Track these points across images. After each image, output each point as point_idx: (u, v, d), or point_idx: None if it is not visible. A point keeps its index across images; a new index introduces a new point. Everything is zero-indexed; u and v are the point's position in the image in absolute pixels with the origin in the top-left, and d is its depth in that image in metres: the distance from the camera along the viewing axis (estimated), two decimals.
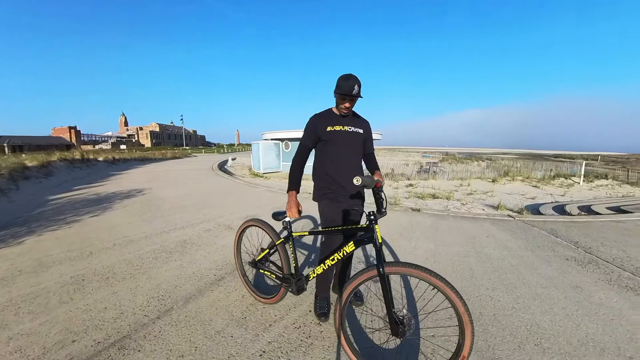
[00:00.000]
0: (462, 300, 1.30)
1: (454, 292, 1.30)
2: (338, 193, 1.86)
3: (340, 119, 1.87)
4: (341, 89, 1.70)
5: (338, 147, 1.85)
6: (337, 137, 1.84)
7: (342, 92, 1.70)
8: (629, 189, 11.41)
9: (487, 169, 18.04)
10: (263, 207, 5.50)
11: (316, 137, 1.87)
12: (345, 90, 1.68)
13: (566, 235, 3.91)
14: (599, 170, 17.87)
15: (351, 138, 1.87)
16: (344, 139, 1.85)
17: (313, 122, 1.88)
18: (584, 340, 1.81)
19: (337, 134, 1.84)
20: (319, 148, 1.93)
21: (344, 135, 1.85)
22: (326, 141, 1.85)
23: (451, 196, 8.77)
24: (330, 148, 1.86)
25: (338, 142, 1.85)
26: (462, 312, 1.29)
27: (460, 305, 1.29)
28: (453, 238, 3.78)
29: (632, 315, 2.07)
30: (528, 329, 1.91)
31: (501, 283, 2.55)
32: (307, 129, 1.90)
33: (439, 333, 1.83)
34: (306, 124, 1.91)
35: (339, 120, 1.86)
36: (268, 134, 15.82)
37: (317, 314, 2.02)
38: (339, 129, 1.84)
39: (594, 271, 2.81)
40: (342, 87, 1.70)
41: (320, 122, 1.86)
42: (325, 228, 1.86)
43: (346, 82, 1.69)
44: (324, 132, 1.84)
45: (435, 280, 1.32)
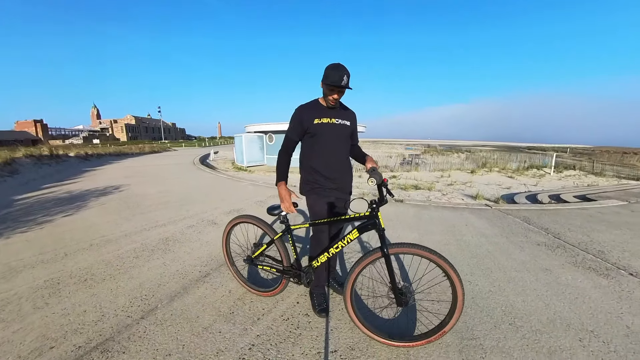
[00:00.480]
0: (457, 273, 1.52)
1: (450, 267, 1.50)
2: (326, 187, 1.83)
3: (328, 110, 1.79)
4: (329, 79, 1.62)
5: (325, 141, 1.79)
6: (324, 130, 1.77)
7: (331, 82, 1.61)
8: (594, 179, 12.27)
9: (466, 161, 18.72)
10: (247, 201, 5.43)
11: (302, 130, 1.79)
12: (334, 80, 1.60)
13: (538, 222, 4.17)
14: (567, 161, 19.04)
15: (339, 130, 1.82)
16: (331, 132, 1.79)
17: (299, 114, 1.79)
18: (552, 317, 1.96)
19: (324, 126, 1.77)
20: (306, 141, 1.86)
21: (332, 127, 1.78)
22: (313, 134, 1.78)
23: (433, 187, 9.06)
24: (318, 141, 1.79)
25: (326, 135, 1.78)
26: (456, 284, 1.51)
27: (455, 277, 1.51)
28: (435, 227, 3.93)
29: (594, 293, 2.27)
30: (503, 310, 2.04)
31: (479, 268, 2.69)
32: (293, 121, 1.81)
33: (432, 303, 1.93)
34: (292, 116, 1.82)
35: (326, 112, 1.79)
36: (251, 127, 15.50)
37: (317, 310, 1.97)
38: (326, 122, 1.77)
39: (562, 255, 3.02)
40: (330, 78, 1.61)
41: (306, 114, 1.77)
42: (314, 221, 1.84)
43: (335, 72, 1.60)
44: (311, 125, 1.76)
45: (435, 258, 1.51)
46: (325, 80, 1.65)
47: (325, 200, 1.84)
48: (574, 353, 1.64)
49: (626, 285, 2.40)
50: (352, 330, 1.82)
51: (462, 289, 1.53)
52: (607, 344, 1.72)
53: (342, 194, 1.90)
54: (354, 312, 1.73)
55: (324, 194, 1.84)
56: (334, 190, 1.85)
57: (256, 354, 1.63)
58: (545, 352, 1.65)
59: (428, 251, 1.52)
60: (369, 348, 1.68)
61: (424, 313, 1.96)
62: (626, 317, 1.97)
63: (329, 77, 1.62)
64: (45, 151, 12.62)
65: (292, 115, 1.83)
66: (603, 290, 2.31)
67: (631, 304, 2.12)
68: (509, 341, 1.73)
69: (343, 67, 1.62)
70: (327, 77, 1.63)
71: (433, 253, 1.52)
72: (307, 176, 1.88)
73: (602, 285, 2.39)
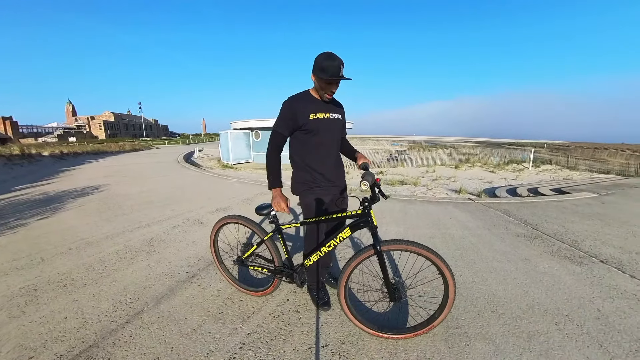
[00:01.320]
0: (450, 270, 1.54)
1: (438, 258, 1.53)
2: (323, 185, 1.77)
3: (323, 104, 1.68)
4: (327, 72, 1.47)
5: (321, 137, 1.69)
6: (320, 126, 1.65)
7: (330, 75, 1.47)
8: (568, 173, 12.94)
9: (450, 156, 19.23)
10: (234, 199, 5.36)
11: (296, 125, 1.64)
12: (333, 72, 1.47)
13: (517, 214, 4.36)
14: (544, 156, 19.94)
15: (333, 126, 1.73)
16: (327, 128, 1.70)
17: (292, 107, 1.62)
18: (531, 304, 2.07)
19: (320, 122, 1.65)
20: (299, 137, 1.71)
21: (328, 123, 1.69)
22: (309, 130, 1.65)
23: (418, 182, 9.25)
24: (313, 138, 1.68)
25: (322, 131, 1.68)
26: (445, 271, 1.54)
27: (448, 274, 1.54)
28: (420, 221, 4.03)
29: (568, 280, 2.41)
30: (486, 299, 2.13)
31: (463, 260, 2.79)
32: (284, 115, 1.64)
33: (423, 298, 1.98)
34: (282, 109, 1.65)
35: (322, 106, 1.67)
36: (237, 123, 15.24)
37: (319, 304, 1.95)
38: (322, 117, 1.65)
39: (539, 245, 3.18)
40: (328, 70, 1.47)
41: (301, 109, 1.62)
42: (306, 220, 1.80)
43: (332, 63, 1.46)
44: (307, 121, 1.62)
45: (428, 254, 1.53)
46: (321, 74, 1.51)
47: (322, 197, 1.79)
48: (551, 336, 1.74)
49: (597, 271, 2.56)
50: (343, 325, 1.85)
51: (454, 287, 1.56)
52: (580, 326, 1.83)
53: (338, 191, 1.86)
54: (348, 307, 1.75)
55: (321, 192, 1.77)
56: (331, 187, 1.80)
57: (247, 353, 1.62)
58: (525, 336, 1.74)
59: (421, 247, 1.53)
60: (359, 341, 1.71)
61: (416, 308, 2.00)
62: (597, 301, 2.11)
63: (327, 70, 1.48)
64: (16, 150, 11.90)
65: (282, 108, 1.66)
66: (577, 277, 2.45)
67: (601, 289, 2.27)
68: (492, 328, 1.82)
69: (336, 56, 1.50)
70: (324, 70, 1.49)
71: (427, 249, 1.53)
72: (304, 175, 1.76)
73: (576, 272, 2.54)
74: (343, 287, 1.73)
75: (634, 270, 2.56)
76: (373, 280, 2.26)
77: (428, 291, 2.19)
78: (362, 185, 1.44)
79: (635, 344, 1.68)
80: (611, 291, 2.24)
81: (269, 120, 14.30)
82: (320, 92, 1.64)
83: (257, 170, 11.66)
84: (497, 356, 1.59)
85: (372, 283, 2.25)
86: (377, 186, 1.56)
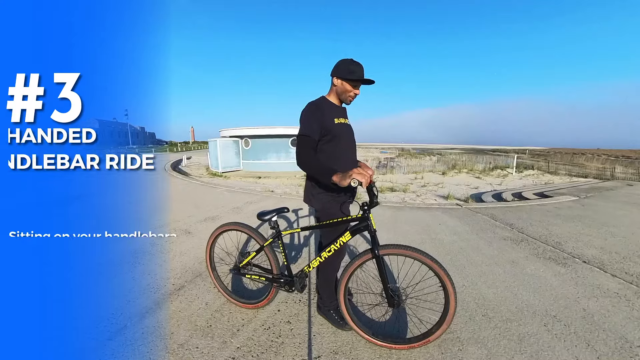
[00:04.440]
0: (447, 275, 1.51)
1: (441, 269, 1.51)
2: (342, 192, 1.72)
3: (341, 110, 1.70)
4: (356, 74, 1.55)
5: (344, 143, 1.69)
6: (343, 131, 1.66)
7: (358, 77, 1.54)
8: (550, 177, 13.45)
9: (437, 163, 19.67)
10: (224, 208, 5.25)
11: (324, 129, 1.59)
12: (360, 75, 1.55)
13: (503, 218, 4.47)
14: (527, 162, 20.70)
15: (350, 132, 1.76)
16: (348, 134, 1.71)
17: (317, 111, 1.59)
18: (520, 306, 2.10)
19: (342, 127, 1.66)
20: (321, 148, 1.65)
21: (347, 128, 1.70)
22: (334, 136, 1.62)
23: (407, 189, 9.39)
24: (338, 144, 1.66)
25: (344, 137, 1.68)
26: (448, 285, 1.51)
27: (446, 279, 1.51)
28: (410, 227, 4.06)
29: (554, 281, 2.46)
30: (476, 303, 2.15)
31: (453, 265, 2.81)
32: (311, 119, 1.58)
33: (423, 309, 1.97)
34: (306, 114, 1.60)
35: (341, 111, 1.70)
36: (226, 131, 15.12)
37: (338, 324, 1.84)
38: (343, 122, 1.67)
39: (525, 248, 3.26)
40: (355, 72, 1.54)
41: (327, 113, 1.61)
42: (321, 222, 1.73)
43: (358, 67, 1.55)
44: (333, 125, 1.60)
45: (427, 260, 1.51)
46: (350, 76, 1.56)
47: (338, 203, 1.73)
48: (540, 337, 1.76)
49: (581, 272, 2.64)
50: (335, 335, 1.81)
51: (455, 301, 1.51)
52: (568, 326, 1.86)
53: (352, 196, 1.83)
54: (348, 312, 1.73)
55: (340, 199, 1.73)
56: (348, 194, 1.77)
57: None
58: (516, 339, 1.75)
59: (420, 253, 1.52)
60: (352, 351, 1.68)
61: (413, 318, 1.92)
62: (582, 300, 2.16)
63: (355, 72, 1.55)
64: None
65: (306, 112, 1.61)
66: (562, 278, 2.52)
67: (585, 289, 2.33)
68: (483, 332, 1.82)
69: (358, 61, 1.59)
70: (353, 73, 1.55)
71: (425, 255, 1.52)
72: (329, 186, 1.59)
73: (561, 273, 2.60)
74: (342, 291, 1.71)
75: (614, 270, 2.66)
76: (374, 283, 2.24)
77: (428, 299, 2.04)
78: (352, 183, 1.38)
79: (620, 341, 1.72)
80: (595, 290, 2.30)
81: (258, 129, 14.26)
82: (343, 95, 1.65)
83: (246, 179, 11.55)
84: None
85: (374, 285, 2.23)
86: (371, 186, 1.55)
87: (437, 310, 1.72)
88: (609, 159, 21.65)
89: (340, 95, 1.66)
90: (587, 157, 23.65)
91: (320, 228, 1.75)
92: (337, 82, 1.63)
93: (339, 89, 1.64)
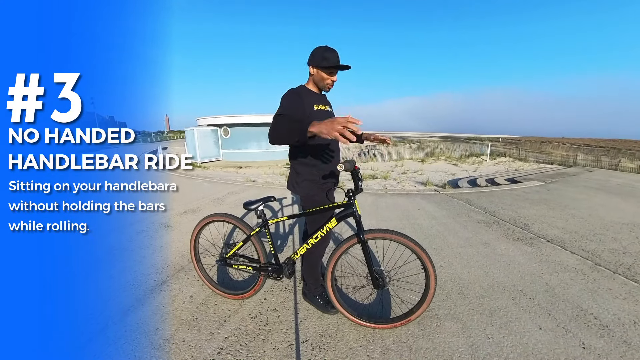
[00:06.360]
0: (429, 257, 1.60)
1: (423, 252, 1.59)
2: (330, 181, 1.76)
3: (321, 98, 1.70)
4: (331, 61, 1.54)
5: None
6: (322, 118, 1.61)
7: (332, 64, 1.54)
8: (520, 164, 14.29)
9: (417, 151, 20.20)
10: (204, 200, 5.12)
11: (302, 113, 1.57)
12: (334, 62, 1.54)
13: (477, 203, 4.73)
14: (500, 149, 21.76)
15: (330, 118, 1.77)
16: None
17: (298, 96, 1.59)
18: (491, 283, 2.26)
19: (322, 114, 1.64)
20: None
21: (328, 115, 1.67)
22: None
23: (388, 176, 9.61)
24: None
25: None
26: (429, 267, 1.59)
27: (428, 261, 1.59)
28: (391, 213, 4.20)
29: (522, 259, 2.67)
30: (452, 282, 2.29)
31: (431, 247, 2.96)
32: (291, 101, 1.57)
33: (405, 290, 2.06)
34: (286, 98, 1.59)
35: (320, 99, 1.69)
36: (203, 120, 14.53)
37: (324, 309, 1.88)
38: (322, 109, 1.66)
39: (497, 230, 3.49)
40: (330, 59, 1.54)
41: (306, 98, 1.60)
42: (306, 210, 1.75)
43: (332, 54, 1.55)
44: (312, 112, 1.59)
45: (410, 244, 1.59)
46: (324, 63, 1.55)
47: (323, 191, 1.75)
48: (509, 310, 1.93)
49: (545, 250, 2.88)
50: (321, 319, 1.87)
51: (434, 282, 1.60)
52: (532, 299, 2.05)
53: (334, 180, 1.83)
54: (334, 295, 1.78)
55: (325, 187, 1.75)
56: (332, 181, 1.79)
57: (226, 357, 1.57)
58: (487, 312, 1.90)
59: (403, 237, 1.60)
60: (337, 333, 1.74)
61: (395, 298, 2.04)
62: (545, 276, 2.37)
63: (330, 59, 1.55)
64: None
65: (286, 97, 1.60)
66: (528, 256, 2.73)
67: (548, 265, 2.55)
68: (459, 308, 1.96)
69: (332, 48, 1.57)
70: (327, 60, 1.55)
71: (408, 239, 1.59)
72: (310, 173, 1.70)
73: (528, 252, 2.83)
74: (330, 277, 1.76)
75: (574, 247, 2.92)
76: (360, 266, 2.31)
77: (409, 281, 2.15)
78: (339, 167, 1.45)
79: (576, 310, 1.92)
80: (556, 266, 2.53)
81: (238, 117, 13.81)
82: (321, 83, 1.66)
83: (227, 169, 11.27)
84: (464, 332, 1.72)
85: (358, 270, 2.30)
86: (356, 172, 1.59)
87: (417, 292, 1.82)
88: (572, 147, 23.31)
89: (318, 83, 1.67)
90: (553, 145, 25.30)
91: (306, 215, 1.77)
92: (313, 71, 1.64)
93: (316, 77, 1.65)
